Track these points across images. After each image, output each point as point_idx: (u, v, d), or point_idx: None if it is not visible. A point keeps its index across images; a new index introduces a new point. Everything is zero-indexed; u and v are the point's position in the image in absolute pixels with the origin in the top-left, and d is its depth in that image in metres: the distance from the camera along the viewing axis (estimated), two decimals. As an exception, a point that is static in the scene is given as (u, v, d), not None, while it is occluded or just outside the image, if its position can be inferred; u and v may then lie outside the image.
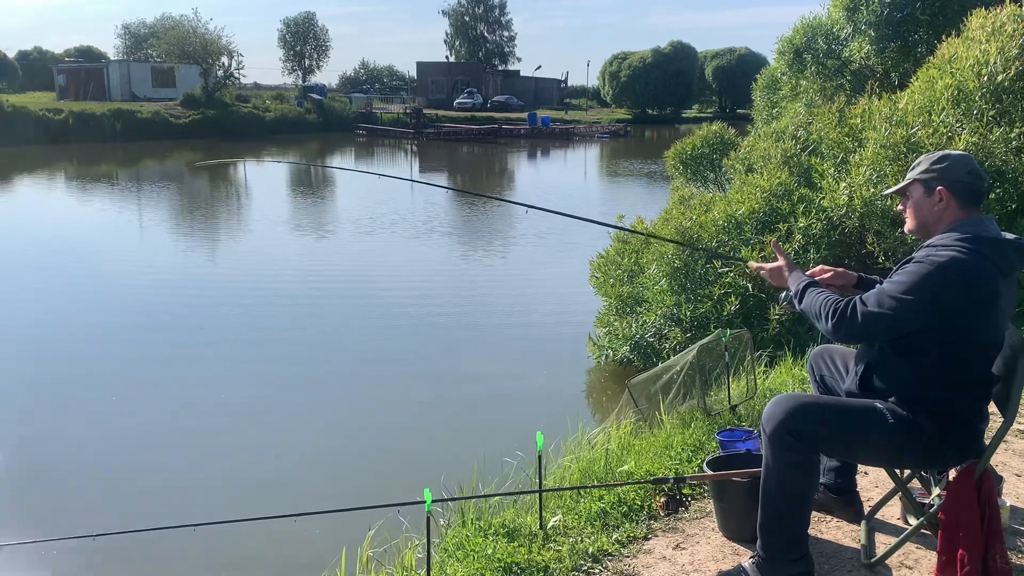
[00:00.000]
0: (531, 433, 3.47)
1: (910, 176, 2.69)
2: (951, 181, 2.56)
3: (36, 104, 39.60)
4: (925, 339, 2.49)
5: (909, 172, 2.71)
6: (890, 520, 3.18)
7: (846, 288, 2.98)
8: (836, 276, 2.98)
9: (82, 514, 5.18)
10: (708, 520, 3.31)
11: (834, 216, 6.69)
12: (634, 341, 7.19)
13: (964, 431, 2.57)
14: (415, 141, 44.86)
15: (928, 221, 2.63)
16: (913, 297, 2.44)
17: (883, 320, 2.47)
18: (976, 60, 6.42)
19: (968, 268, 2.42)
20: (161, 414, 7.01)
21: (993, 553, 2.52)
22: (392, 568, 3.36)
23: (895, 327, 2.48)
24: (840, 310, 2.52)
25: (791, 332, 6.39)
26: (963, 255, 2.44)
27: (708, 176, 10.49)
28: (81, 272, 12.60)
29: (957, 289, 2.42)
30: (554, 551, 3.09)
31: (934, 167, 2.60)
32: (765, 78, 13.76)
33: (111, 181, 25.98)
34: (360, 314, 10.36)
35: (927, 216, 2.63)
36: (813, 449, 2.61)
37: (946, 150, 2.72)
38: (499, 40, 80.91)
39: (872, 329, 2.50)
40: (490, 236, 16.75)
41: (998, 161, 6.02)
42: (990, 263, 2.44)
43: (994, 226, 2.57)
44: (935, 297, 2.43)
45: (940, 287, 2.42)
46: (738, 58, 72.55)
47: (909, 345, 2.53)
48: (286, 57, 72.47)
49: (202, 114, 42.52)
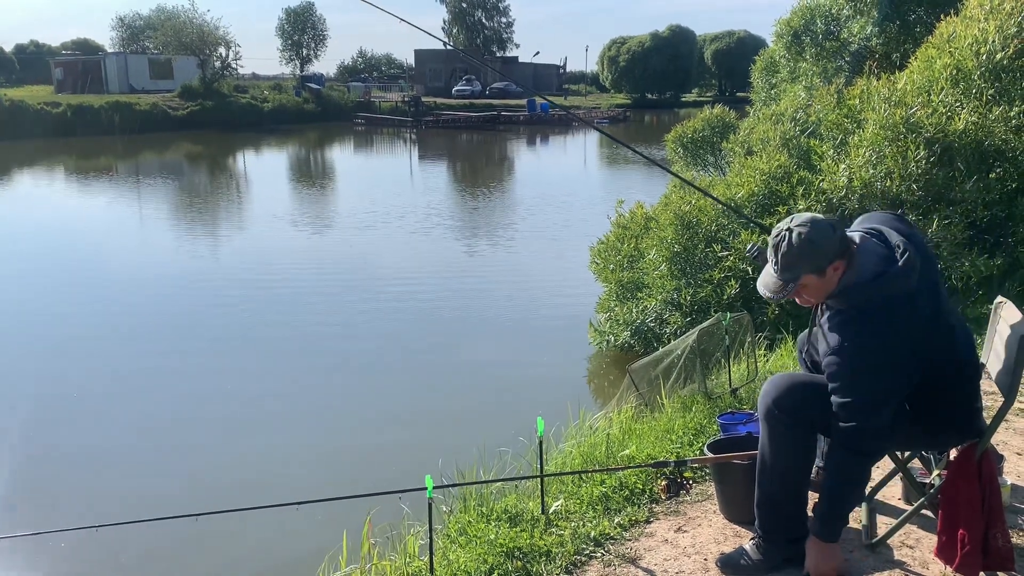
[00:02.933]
0: (532, 419, 3.47)
1: (787, 276, 2.43)
2: (832, 253, 2.38)
3: (34, 98, 39.49)
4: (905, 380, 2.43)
5: (782, 270, 2.44)
6: (891, 501, 3.19)
7: None
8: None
9: (82, 506, 5.20)
10: (710, 503, 3.32)
11: (833, 198, 6.67)
12: (635, 326, 7.19)
13: (961, 412, 2.56)
14: (414, 129, 44.72)
15: (833, 292, 2.46)
16: (880, 373, 2.35)
17: (881, 411, 2.38)
18: (975, 39, 6.39)
19: (891, 306, 2.34)
20: (160, 407, 7.02)
21: (994, 532, 2.53)
22: (394, 555, 3.37)
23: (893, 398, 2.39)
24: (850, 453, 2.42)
25: (791, 315, 6.39)
26: (874, 301, 2.35)
27: (708, 160, 10.47)
28: (82, 266, 12.61)
29: (900, 327, 2.34)
30: (556, 535, 3.10)
31: (809, 252, 2.37)
32: (764, 60, 13.73)
33: (111, 174, 25.94)
34: (360, 302, 10.36)
35: (832, 289, 2.45)
36: (807, 428, 2.61)
37: (788, 224, 2.45)
38: (497, 26, 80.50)
39: (884, 421, 2.39)
40: (491, 225, 16.73)
41: (998, 140, 5.99)
42: (901, 281, 2.35)
43: (870, 241, 2.44)
44: (891, 350, 2.34)
45: (888, 342, 2.33)
46: (737, 41, 72.22)
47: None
48: (284, 47, 72.13)
49: (200, 105, 42.38)
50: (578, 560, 2.95)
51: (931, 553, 2.73)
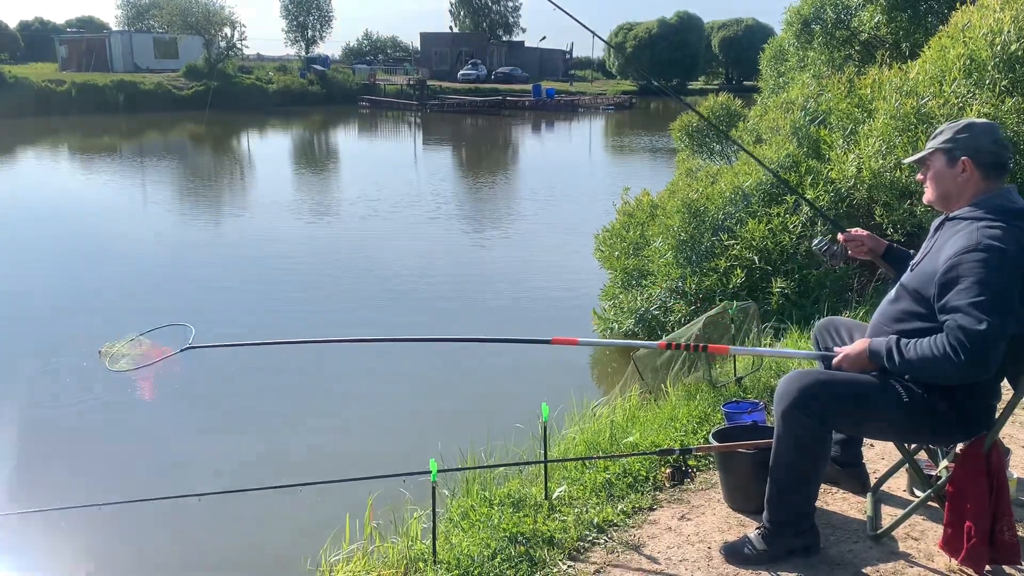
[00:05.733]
0: (536, 405, 3.46)
1: (931, 145, 2.57)
2: (975, 151, 2.46)
3: (38, 75, 39.33)
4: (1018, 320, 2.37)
5: (930, 141, 2.59)
6: (896, 492, 3.18)
7: (875, 253, 2.91)
8: (868, 238, 2.92)
9: (84, 486, 5.20)
10: (714, 491, 3.31)
11: (842, 188, 6.63)
12: (639, 314, 7.16)
13: (978, 408, 2.54)
14: (418, 113, 44.56)
15: (950, 192, 2.53)
16: (1003, 290, 2.30)
17: (1001, 327, 2.28)
18: (990, 29, 6.31)
19: (1014, 241, 2.35)
20: (159, 389, 7.01)
21: (1000, 525, 2.52)
22: (397, 538, 3.37)
23: (1010, 327, 2.32)
24: (959, 343, 2.29)
25: (796, 305, 6.36)
26: (1005, 229, 2.35)
27: (714, 148, 10.40)
28: (85, 245, 12.59)
29: (1016, 261, 2.33)
30: (559, 521, 3.09)
31: (957, 136, 2.50)
32: (772, 49, 13.61)
33: (114, 154, 25.89)
34: (364, 288, 10.34)
35: (949, 187, 2.53)
36: (825, 426, 2.58)
37: (969, 118, 2.59)
38: (503, 10, 79.98)
39: (998, 342, 2.29)
40: (495, 212, 16.69)
41: (1010, 132, 5.93)
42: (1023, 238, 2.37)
43: (1019, 197, 2.49)
44: (1011, 276, 2.32)
45: (1008, 265, 2.32)
46: (745, 29, 71.73)
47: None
48: (289, 28, 71.74)
49: (205, 86, 42.21)
50: (581, 546, 2.94)
51: (936, 545, 2.72)
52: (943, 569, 2.68)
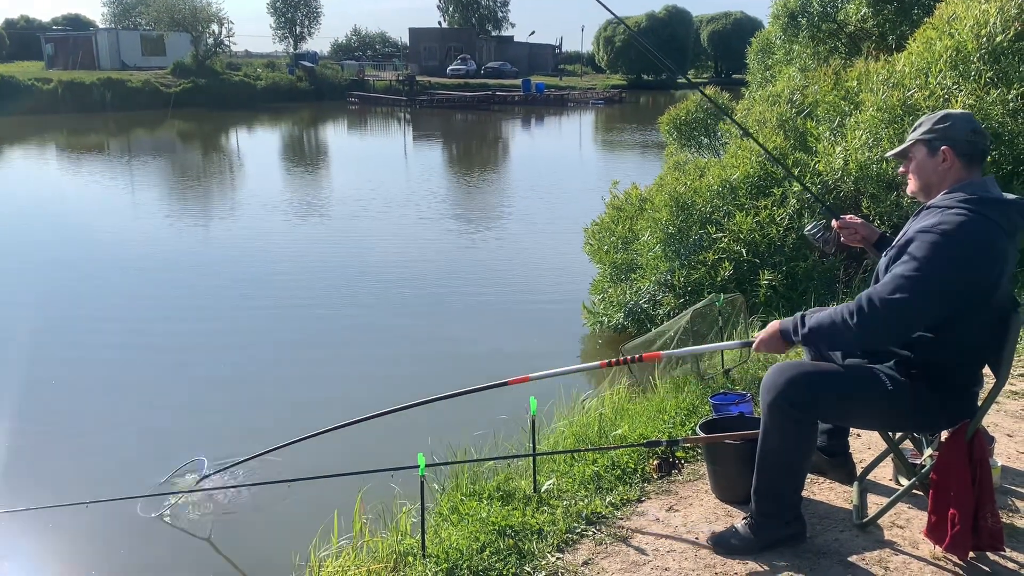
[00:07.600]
0: (524, 399, 3.47)
1: (912, 137, 2.60)
2: (954, 140, 2.49)
3: (24, 73, 39.03)
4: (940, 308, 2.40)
5: (911, 133, 2.63)
6: (882, 481, 3.20)
7: (867, 241, 2.94)
8: (862, 226, 2.95)
9: (71, 482, 5.18)
10: (701, 483, 3.32)
11: (829, 180, 6.66)
12: (628, 307, 7.18)
13: (960, 395, 2.56)
14: (408, 109, 44.46)
15: (932, 182, 2.56)
16: (934, 273, 2.33)
17: (910, 305, 2.34)
18: (976, 20, 6.34)
19: (978, 232, 2.36)
20: (150, 384, 7.00)
21: (984, 512, 2.54)
22: (386, 532, 3.37)
23: (924, 309, 2.36)
24: (856, 308, 2.38)
25: (783, 297, 6.39)
26: (970, 218, 2.37)
27: (702, 141, 10.42)
28: (76, 245, 12.53)
29: (969, 254, 2.35)
30: (548, 514, 3.10)
31: (937, 127, 2.53)
32: (759, 42, 13.65)
33: (102, 152, 25.72)
34: (352, 283, 10.32)
35: (931, 177, 2.55)
36: (812, 417, 2.60)
37: (947, 110, 2.62)
38: (492, 5, 79.83)
39: (902, 316, 2.36)
40: (485, 207, 16.67)
41: (994, 123, 5.97)
42: (996, 225, 2.39)
43: (996, 187, 2.51)
44: (954, 266, 2.34)
45: (958, 255, 2.34)
46: (733, 22, 71.85)
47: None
48: (277, 25, 71.45)
49: (193, 83, 41.99)
50: (570, 538, 2.95)
51: (921, 533, 2.74)
52: (928, 556, 2.70)
